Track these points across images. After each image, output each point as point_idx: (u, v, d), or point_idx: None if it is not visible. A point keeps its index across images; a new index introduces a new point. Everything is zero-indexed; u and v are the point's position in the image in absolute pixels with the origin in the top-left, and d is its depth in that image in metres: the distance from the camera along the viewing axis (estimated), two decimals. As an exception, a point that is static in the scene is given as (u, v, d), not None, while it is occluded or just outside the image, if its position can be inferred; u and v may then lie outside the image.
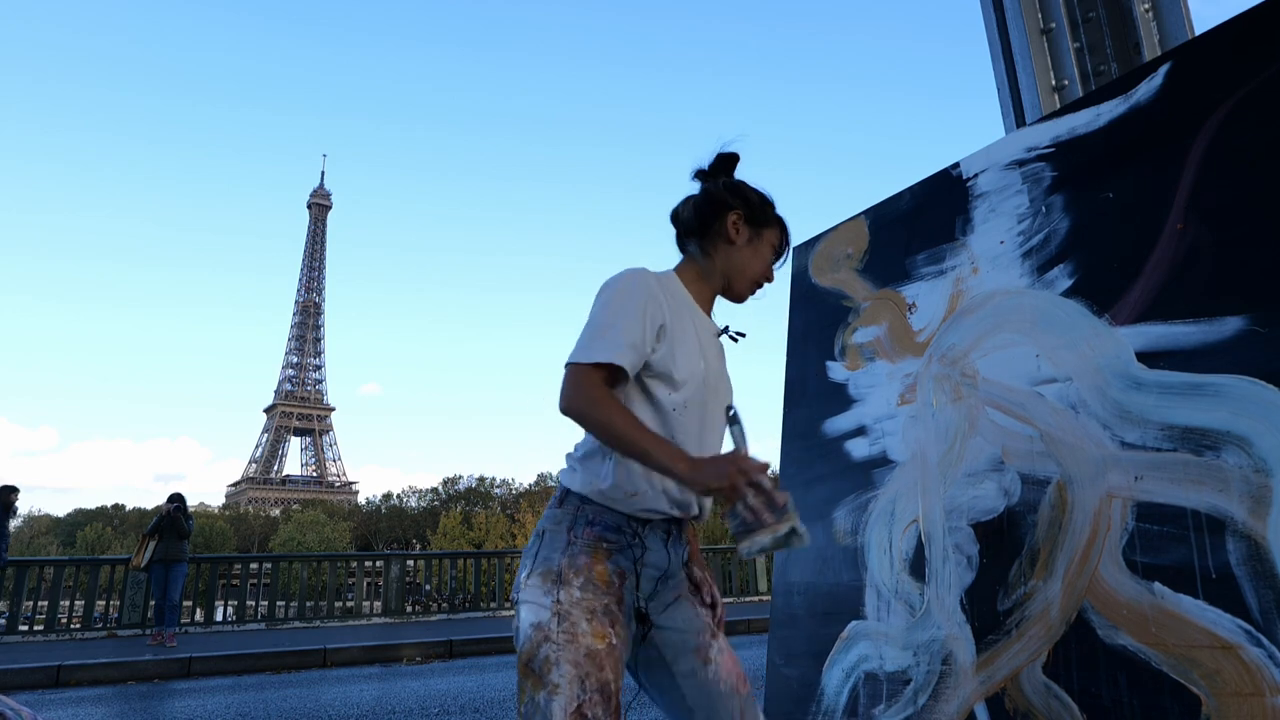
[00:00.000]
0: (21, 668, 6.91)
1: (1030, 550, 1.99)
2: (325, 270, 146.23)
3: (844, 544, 2.53)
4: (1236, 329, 1.73)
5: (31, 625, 10.87)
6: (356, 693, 5.95)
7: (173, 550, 8.97)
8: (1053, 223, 2.20)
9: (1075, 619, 1.84)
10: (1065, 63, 3.42)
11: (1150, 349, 1.87)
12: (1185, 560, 1.69)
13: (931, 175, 2.67)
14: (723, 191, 1.58)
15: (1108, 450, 1.88)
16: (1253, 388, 1.67)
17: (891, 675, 2.21)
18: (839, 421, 2.71)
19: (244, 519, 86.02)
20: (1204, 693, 1.59)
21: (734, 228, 1.56)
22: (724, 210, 1.56)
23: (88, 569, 11.25)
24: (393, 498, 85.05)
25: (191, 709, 5.40)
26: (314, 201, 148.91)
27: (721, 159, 1.61)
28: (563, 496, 1.48)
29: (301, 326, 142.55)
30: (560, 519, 1.44)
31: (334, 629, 10.64)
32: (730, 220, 1.55)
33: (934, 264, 2.53)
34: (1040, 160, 2.29)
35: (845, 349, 2.79)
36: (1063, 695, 1.83)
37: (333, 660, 7.91)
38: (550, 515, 1.47)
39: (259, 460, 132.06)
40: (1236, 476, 1.64)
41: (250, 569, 12.66)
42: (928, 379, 2.42)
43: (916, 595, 2.24)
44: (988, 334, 2.27)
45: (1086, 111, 2.21)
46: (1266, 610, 1.55)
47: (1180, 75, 2.00)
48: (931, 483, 2.31)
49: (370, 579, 18.39)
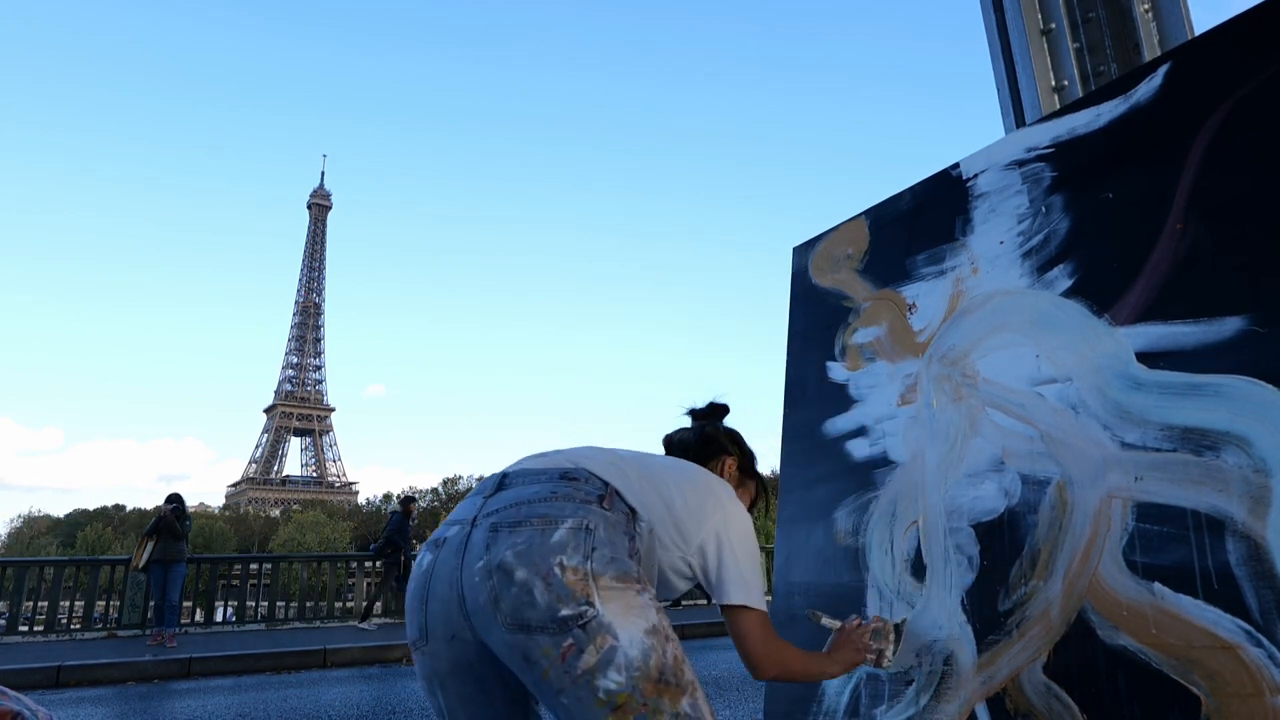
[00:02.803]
0: (21, 668, 6.90)
1: (1031, 551, 1.99)
2: (325, 270, 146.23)
3: (845, 544, 2.53)
4: (1236, 329, 1.73)
5: (31, 625, 10.87)
6: (356, 693, 5.95)
7: (171, 551, 8.97)
8: (1053, 223, 2.20)
9: (1076, 619, 1.84)
10: (1065, 63, 3.42)
11: (1150, 349, 1.87)
12: (1185, 560, 1.69)
13: (931, 175, 2.67)
14: (725, 439, 1.81)
15: (1108, 450, 1.88)
16: (1253, 388, 1.67)
17: (893, 675, 2.21)
18: (839, 422, 2.71)
19: (244, 519, 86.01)
20: (1204, 693, 1.59)
21: (728, 470, 1.78)
22: (723, 453, 1.78)
23: (88, 569, 11.25)
24: (393, 498, 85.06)
25: (191, 709, 5.40)
26: (314, 201, 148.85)
27: (715, 407, 1.87)
28: (610, 496, 1.36)
29: (301, 327, 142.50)
30: (615, 523, 1.31)
31: (334, 629, 10.63)
32: (727, 463, 1.78)
33: (934, 264, 2.53)
34: (1040, 160, 2.29)
35: (845, 349, 2.79)
36: (1063, 695, 1.83)
37: (333, 660, 7.91)
38: (598, 513, 1.30)
39: (259, 460, 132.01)
40: (1236, 476, 1.64)
41: (250, 569, 12.66)
42: (928, 379, 2.42)
43: (918, 596, 2.24)
44: (988, 334, 2.27)
45: (1086, 112, 2.21)
46: (1266, 610, 1.55)
47: (1180, 75, 2.00)
48: (932, 483, 2.31)
49: (370, 579, 18.38)
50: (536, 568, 1.19)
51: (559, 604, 1.16)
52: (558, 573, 1.19)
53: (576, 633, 1.15)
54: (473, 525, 1.31)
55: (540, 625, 1.16)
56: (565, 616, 1.16)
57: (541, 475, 1.37)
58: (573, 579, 1.18)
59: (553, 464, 1.42)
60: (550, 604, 1.17)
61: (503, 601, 1.19)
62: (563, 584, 1.18)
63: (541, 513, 1.27)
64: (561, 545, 1.22)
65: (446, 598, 1.27)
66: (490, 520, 1.29)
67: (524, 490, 1.34)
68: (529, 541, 1.22)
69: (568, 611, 1.16)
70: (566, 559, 1.20)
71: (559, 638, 1.16)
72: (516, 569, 1.19)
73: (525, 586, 1.17)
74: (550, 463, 1.43)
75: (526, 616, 1.17)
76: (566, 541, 1.22)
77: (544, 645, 1.16)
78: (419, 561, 1.38)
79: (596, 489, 1.35)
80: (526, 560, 1.20)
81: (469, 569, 1.25)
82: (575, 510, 1.28)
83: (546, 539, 1.22)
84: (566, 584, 1.18)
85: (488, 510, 1.32)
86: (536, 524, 1.24)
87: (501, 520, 1.28)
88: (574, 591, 1.17)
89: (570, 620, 1.16)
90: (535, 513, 1.27)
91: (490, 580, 1.20)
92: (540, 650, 1.16)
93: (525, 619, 1.17)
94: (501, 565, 1.20)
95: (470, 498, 1.42)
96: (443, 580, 1.29)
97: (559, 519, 1.25)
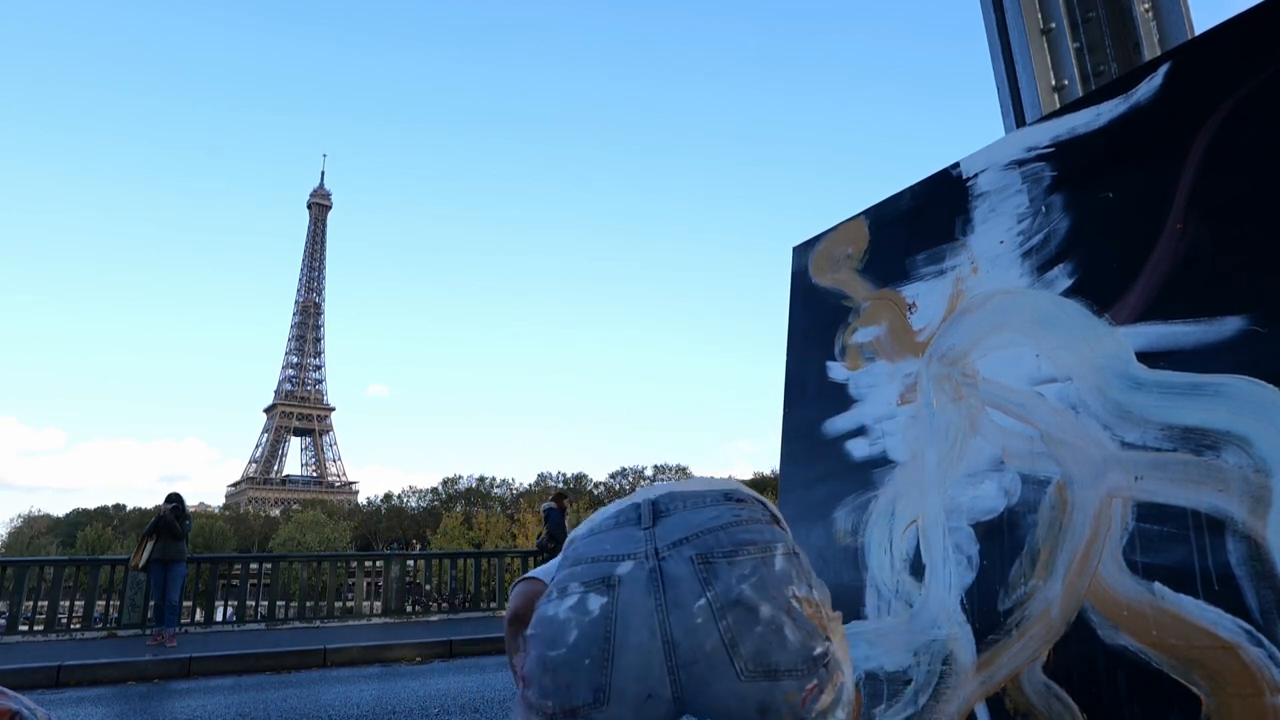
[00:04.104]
0: (21, 668, 6.90)
1: (1030, 550, 1.98)
2: (325, 270, 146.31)
3: (844, 544, 2.53)
4: (1236, 329, 1.73)
5: (31, 625, 10.87)
6: (356, 693, 5.95)
7: (170, 551, 8.97)
8: (1053, 223, 2.20)
9: (1075, 619, 1.84)
10: (1065, 63, 3.42)
11: (1150, 349, 1.87)
12: (1185, 560, 1.68)
13: (931, 175, 2.67)
14: None
15: (1108, 450, 1.88)
16: (1253, 388, 1.67)
17: (892, 675, 2.21)
18: (839, 421, 2.71)
19: (244, 519, 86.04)
20: (1204, 693, 1.59)
21: None
22: None
23: (88, 569, 11.25)
24: (393, 498, 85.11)
25: (191, 709, 5.40)
26: (314, 201, 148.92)
27: None
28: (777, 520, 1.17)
29: (301, 326, 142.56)
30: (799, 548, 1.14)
31: (334, 629, 10.63)
32: None
33: (934, 264, 2.53)
34: (1040, 160, 2.29)
35: (845, 349, 2.79)
36: (1063, 695, 1.83)
37: (333, 660, 7.91)
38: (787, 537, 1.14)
39: (259, 460, 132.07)
40: (1236, 476, 1.64)
41: (250, 569, 12.67)
42: (928, 379, 2.42)
43: (917, 595, 2.24)
44: (988, 334, 2.27)
45: (1086, 111, 2.21)
46: (1267, 610, 1.55)
47: (1180, 75, 2.00)
48: (931, 483, 2.31)
49: (370, 579, 18.41)
50: (777, 602, 1.03)
51: (811, 641, 1.02)
52: (796, 605, 1.04)
53: (821, 672, 1.02)
54: (657, 557, 1.07)
55: (790, 668, 1.00)
56: (818, 655, 1.02)
57: (704, 498, 1.16)
58: (810, 612, 1.05)
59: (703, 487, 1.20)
60: (802, 642, 1.01)
61: (743, 645, 0.99)
62: (805, 619, 1.03)
63: (747, 539, 1.08)
64: (786, 575, 1.06)
65: (647, 647, 1.01)
66: (688, 550, 1.07)
67: (698, 515, 1.12)
68: (756, 571, 1.04)
69: (820, 649, 1.02)
70: (797, 589, 1.06)
71: (805, 680, 1.00)
72: (760, 604, 1.02)
73: (772, 625, 1.01)
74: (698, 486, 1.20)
75: (774, 660, 1.00)
76: (789, 570, 1.07)
77: (789, 691, 0.99)
78: (575, 605, 1.07)
79: (765, 511, 1.17)
80: (764, 593, 1.03)
81: (680, 609, 1.01)
82: (772, 534, 1.11)
83: (771, 568, 1.06)
84: (809, 618, 1.04)
85: (669, 539, 1.09)
86: (753, 551, 1.07)
87: (708, 549, 1.06)
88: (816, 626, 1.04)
89: (820, 659, 1.02)
90: (740, 539, 1.08)
91: (723, 621, 1.00)
92: (783, 697, 0.99)
93: (772, 663, 1.00)
94: (740, 601, 1.01)
95: (614, 529, 1.16)
96: (637, 627, 1.02)
97: (770, 545, 1.08)
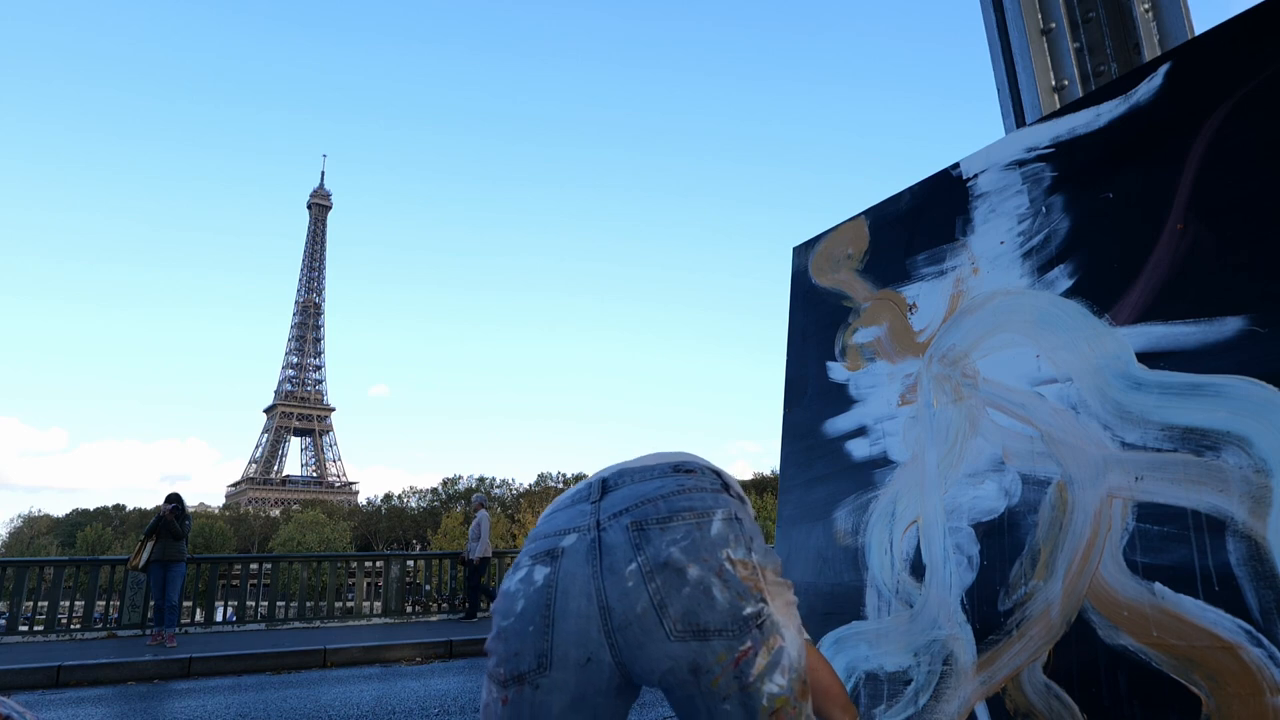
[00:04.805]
0: (21, 668, 6.90)
1: (1031, 551, 1.99)
2: (325, 270, 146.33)
3: (845, 544, 2.53)
4: (1236, 329, 1.73)
5: (31, 625, 10.88)
6: (356, 693, 5.95)
7: (170, 551, 8.97)
8: (1053, 223, 2.20)
9: (1076, 619, 1.84)
10: (1065, 63, 3.42)
11: (1150, 349, 1.87)
12: (1185, 560, 1.69)
13: (931, 175, 2.67)
14: None
15: (1108, 450, 1.88)
16: (1253, 388, 1.67)
17: (892, 675, 2.21)
18: (839, 422, 2.71)
19: (244, 519, 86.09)
20: (1204, 693, 1.59)
21: None
22: None
23: (88, 569, 11.25)
24: (393, 498, 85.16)
25: (191, 709, 5.40)
26: (314, 201, 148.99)
27: None
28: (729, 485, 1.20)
29: (301, 326, 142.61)
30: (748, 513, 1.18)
31: (334, 629, 10.64)
32: None
33: (934, 264, 2.53)
34: (1040, 160, 2.30)
35: (846, 349, 2.79)
36: (1063, 695, 1.83)
37: (333, 660, 7.92)
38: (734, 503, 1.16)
39: (259, 460, 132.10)
40: (1236, 477, 1.64)
41: (250, 569, 12.67)
42: (928, 379, 2.42)
43: (917, 595, 2.24)
44: (988, 334, 2.27)
45: (1086, 112, 2.21)
46: (1267, 610, 1.55)
47: (1180, 75, 2.00)
48: (932, 483, 2.31)
49: (370, 579, 18.41)
50: (708, 564, 1.06)
51: (741, 602, 1.05)
52: (729, 568, 1.06)
53: (755, 633, 1.05)
54: (598, 529, 1.12)
55: (719, 628, 1.04)
56: (748, 615, 1.05)
57: (652, 471, 1.19)
58: (744, 573, 1.07)
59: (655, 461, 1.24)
60: (731, 602, 1.05)
61: (671, 606, 1.04)
62: (738, 580, 1.06)
63: (685, 505, 1.11)
64: (723, 538, 1.09)
65: (584, 613, 1.07)
66: (625, 519, 1.11)
67: (643, 487, 1.16)
68: (689, 536, 1.08)
69: (750, 610, 1.05)
70: (733, 552, 1.08)
71: (736, 640, 1.04)
72: (688, 566, 1.05)
73: (700, 585, 1.04)
74: (650, 461, 1.25)
75: (703, 620, 1.04)
76: (725, 534, 1.09)
77: (719, 651, 1.03)
78: (524, 578, 1.14)
79: (714, 480, 1.20)
80: (694, 556, 1.06)
81: (614, 575, 1.07)
82: (715, 500, 1.14)
83: (706, 533, 1.09)
84: (741, 579, 1.06)
85: (611, 510, 1.14)
86: (688, 517, 1.10)
87: (644, 517, 1.10)
88: (749, 587, 1.06)
89: (751, 620, 1.05)
90: (678, 506, 1.11)
91: (652, 583, 1.05)
92: (715, 657, 1.03)
93: (701, 623, 1.04)
94: (668, 564, 1.05)
95: (568, 508, 1.21)
96: (575, 594, 1.08)
97: (709, 510, 1.11)
